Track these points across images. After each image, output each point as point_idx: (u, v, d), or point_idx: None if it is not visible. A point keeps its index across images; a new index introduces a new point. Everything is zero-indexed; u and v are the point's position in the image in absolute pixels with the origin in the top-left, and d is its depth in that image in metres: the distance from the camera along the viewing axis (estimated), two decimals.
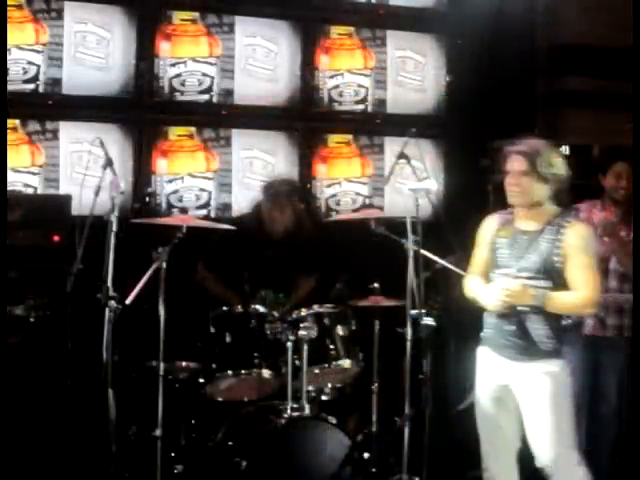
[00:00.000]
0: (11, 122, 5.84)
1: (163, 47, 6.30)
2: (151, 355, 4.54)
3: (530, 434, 3.97)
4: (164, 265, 4.37)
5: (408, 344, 4.41)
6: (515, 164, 3.96)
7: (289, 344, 4.65)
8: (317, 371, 4.79)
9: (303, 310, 4.83)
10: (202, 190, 6.43)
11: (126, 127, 6.24)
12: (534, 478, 4.07)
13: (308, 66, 6.70)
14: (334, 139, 6.82)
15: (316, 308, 4.86)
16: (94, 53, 6.13)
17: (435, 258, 4.75)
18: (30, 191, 5.95)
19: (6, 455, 4.19)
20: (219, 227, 5.02)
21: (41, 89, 5.99)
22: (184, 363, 4.85)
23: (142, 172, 6.26)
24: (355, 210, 6.74)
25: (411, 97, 7.00)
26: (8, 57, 5.76)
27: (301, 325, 4.70)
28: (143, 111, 6.31)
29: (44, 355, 5.03)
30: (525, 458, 4.05)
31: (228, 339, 4.81)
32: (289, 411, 4.60)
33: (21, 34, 5.90)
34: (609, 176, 4.92)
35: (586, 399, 4.85)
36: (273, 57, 6.60)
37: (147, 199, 6.23)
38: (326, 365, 4.82)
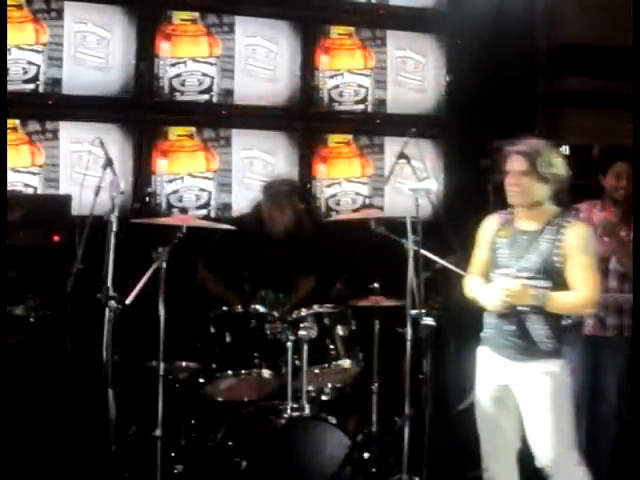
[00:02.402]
0: (11, 122, 5.83)
1: (163, 47, 6.29)
2: (151, 355, 4.54)
3: (530, 434, 3.97)
4: (164, 265, 4.37)
5: (408, 344, 4.41)
6: (515, 164, 3.96)
7: (289, 344, 4.64)
8: (317, 371, 4.79)
9: (303, 310, 4.83)
10: (202, 190, 6.43)
11: (126, 127, 6.24)
12: (534, 478, 4.07)
13: (308, 66, 6.69)
14: (334, 139, 6.82)
15: (316, 308, 4.86)
16: (94, 53, 6.12)
17: (435, 258, 4.75)
18: (30, 191, 5.94)
19: (6, 455, 4.19)
20: (219, 227, 5.02)
21: (41, 89, 5.99)
22: (184, 363, 4.85)
23: (142, 172, 6.26)
24: (355, 210, 6.73)
25: (411, 97, 6.99)
26: (8, 57, 5.76)
27: (301, 325, 4.70)
28: (143, 111, 6.30)
29: (44, 355, 5.03)
30: (525, 458, 4.04)
31: (228, 339, 4.81)
32: (289, 411, 4.60)
33: (21, 34, 5.90)
34: (609, 176, 4.92)
35: (586, 399, 4.85)
36: (273, 57, 6.60)
37: (147, 199, 6.23)
38: (326, 365, 4.82)
